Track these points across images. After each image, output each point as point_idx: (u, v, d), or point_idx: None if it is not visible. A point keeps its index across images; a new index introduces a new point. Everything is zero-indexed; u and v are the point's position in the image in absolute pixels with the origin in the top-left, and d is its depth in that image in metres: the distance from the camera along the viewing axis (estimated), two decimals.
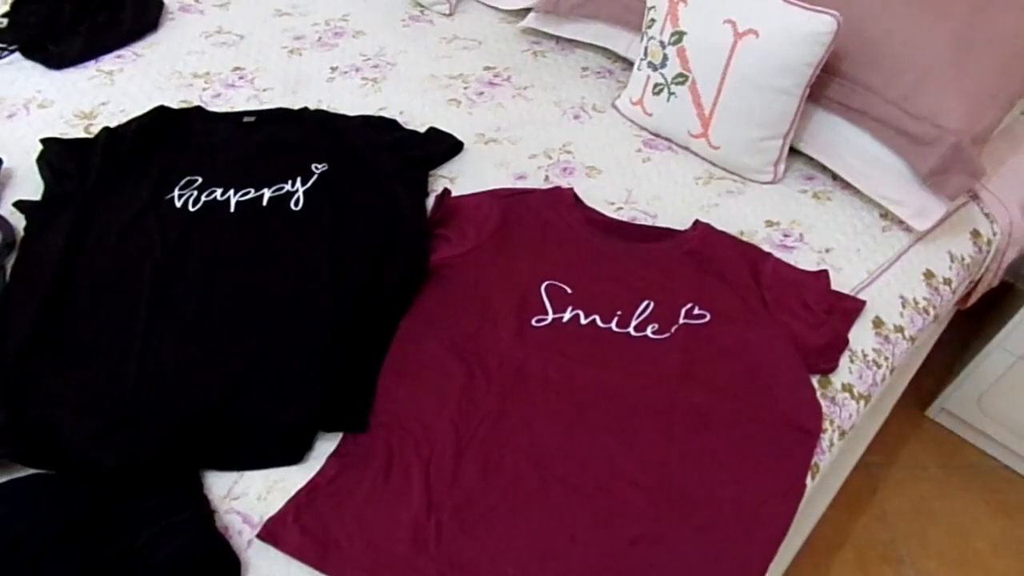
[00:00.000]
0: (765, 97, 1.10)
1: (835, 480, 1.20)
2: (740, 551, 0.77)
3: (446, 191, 1.07)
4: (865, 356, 0.96)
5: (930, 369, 1.47)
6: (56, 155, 1.07)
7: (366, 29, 1.47)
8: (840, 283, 1.02)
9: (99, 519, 0.71)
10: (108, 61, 1.30)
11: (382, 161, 1.12)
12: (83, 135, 1.14)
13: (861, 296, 1.02)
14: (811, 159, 1.21)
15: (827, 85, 1.12)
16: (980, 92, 1.04)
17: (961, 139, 1.01)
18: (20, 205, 1.00)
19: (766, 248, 1.06)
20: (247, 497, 0.75)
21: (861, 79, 1.10)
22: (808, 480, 0.84)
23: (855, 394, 0.93)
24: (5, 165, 1.06)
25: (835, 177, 1.20)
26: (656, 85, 1.21)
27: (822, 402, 0.89)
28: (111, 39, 1.33)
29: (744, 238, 1.08)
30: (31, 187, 1.05)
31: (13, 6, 1.36)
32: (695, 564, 0.75)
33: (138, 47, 1.35)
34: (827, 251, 1.08)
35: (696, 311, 0.97)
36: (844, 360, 0.95)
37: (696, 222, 1.08)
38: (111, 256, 0.95)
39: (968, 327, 1.54)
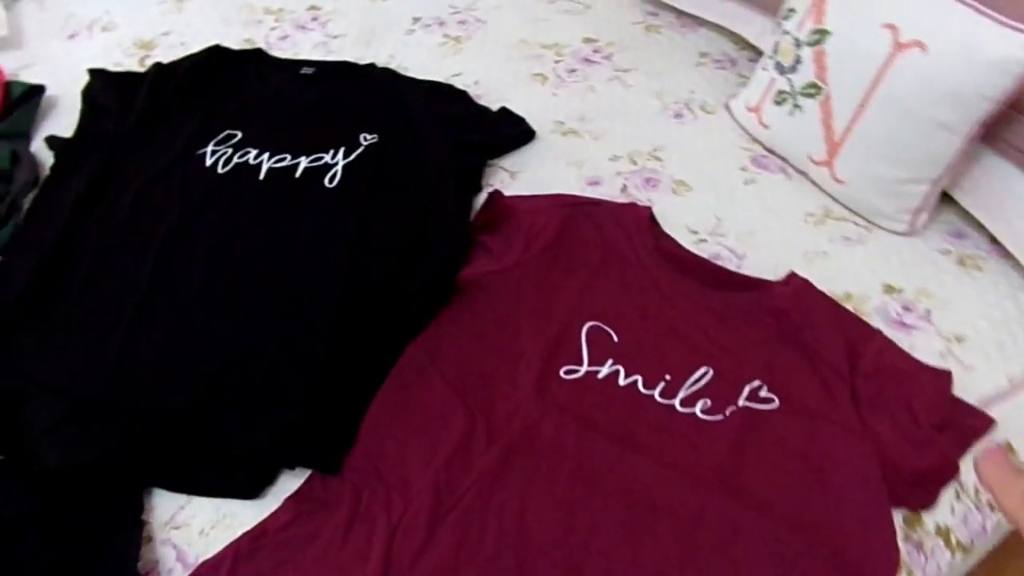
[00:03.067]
0: (919, 129, 0.86)
1: None
2: None
3: (495, 193, 0.92)
4: (977, 493, 0.75)
5: None
6: (100, 89, 1.01)
7: None
8: (967, 388, 0.79)
9: (33, 522, 0.65)
10: None
11: (436, 141, 0.97)
12: (136, 68, 1.07)
13: (991, 412, 0.78)
14: (965, 212, 0.96)
15: (1007, 125, 0.86)
16: None
17: None
18: (51, 141, 0.94)
19: (876, 323, 0.84)
20: (189, 528, 0.66)
21: None
22: None
23: (952, 542, 0.72)
24: (49, 92, 1.00)
25: (993, 240, 0.94)
26: (780, 93, 0.98)
27: (902, 547, 0.70)
28: None
29: (851, 304, 0.87)
30: (75, 120, 0.99)
31: None
32: None
33: None
34: (958, 340, 0.85)
35: (763, 392, 0.78)
36: (947, 494, 0.74)
37: (791, 275, 0.87)
38: (124, 216, 0.88)
39: None
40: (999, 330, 0.86)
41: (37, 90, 0.99)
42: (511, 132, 1.01)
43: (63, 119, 0.99)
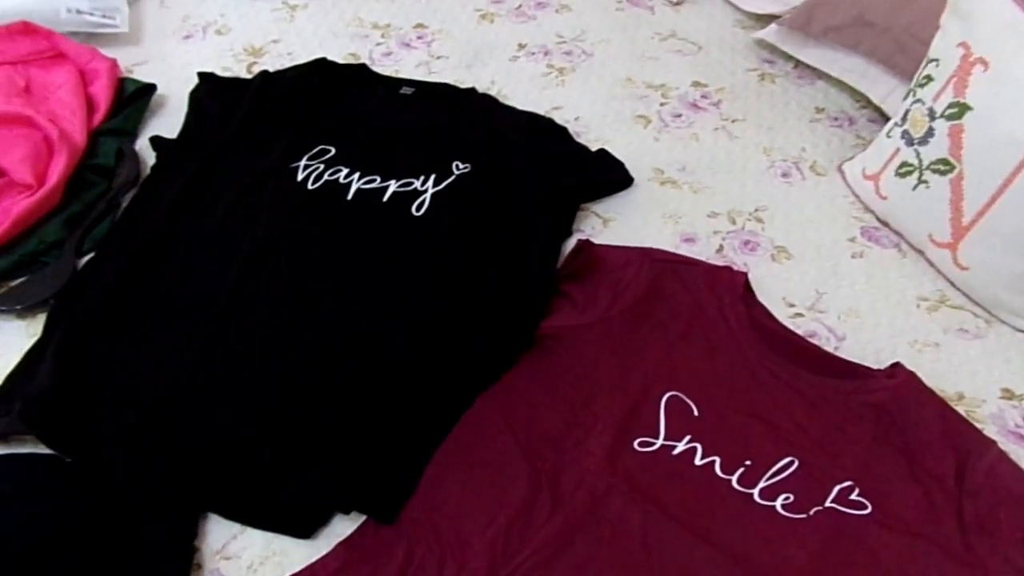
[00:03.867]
0: None
1: None
2: None
3: (585, 243, 0.88)
4: None
5: None
6: (207, 93, 1.02)
7: (573, 4, 1.27)
8: None
9: (88, 533, 0.65)
10: None
11: (533, 178, 0.94)
12: (243, 74, 1.08)
13: None
14: None
15: None
16: None
17: None
18: (155, 141, 0.96)
19: (991, 432, 0.76)
20: (238, 561, 0.65)
21: None
22: None
23: None
24: (159, 92, 1.02)
25: None
26: (905, 164, 0.91)
27: None
28: None
29: (962, 407, 0.79)
30: (180, 121, 1.01)
31: None
32: None
33: None
34: None
35: (855, 496, 0.71)
36: None
37: (897, 366, 0.80)
38: (214, 225, 0.88)
39: None
40: None
41: (148, 89, 1.01)
42: (609, 177, 0.97)
43: (170, 119, 1.01)
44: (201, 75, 1.04)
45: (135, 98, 1.00)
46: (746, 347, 0.82)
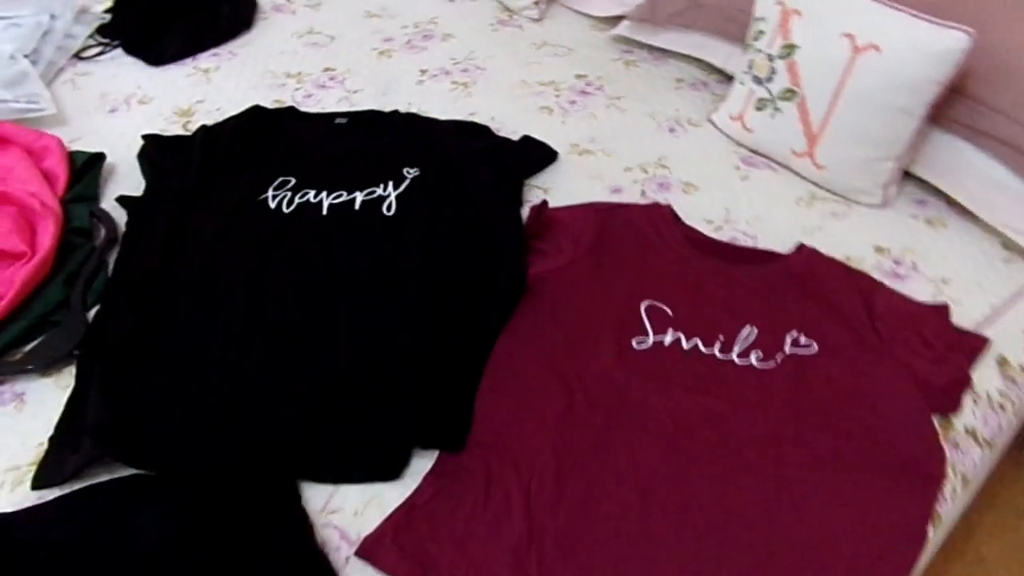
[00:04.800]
0: (882, 116, 1.04)
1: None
2: None
3: (544, 202, 1.04)
4: (990, 398, 0.90)
5: None
6: (156, 152, 1.09)
7: (455, 32, 1.46)
8: (959, 318, 0.96)
9: (197, 526, 0.70)
10: (205, 59, 1.32)
11: (475, 168, 1.10)
12: (181, 132, 1.15)
13: (984, 333, 0.95)
14: (922, 181, 1.15)
15: (951, 105, 1.05)
16: None
17: None
18: (122, 200, 1.01)
19: (876, 277, 1.00)
20: (343, 512, 0.73)
21: (989, 100, 1.03)
22: (929, 530, 0.79)
23: (979, 439, 0.87)
24: (108, 160, 1.07)
25: (949, 202, 1.13)
26: (760, 100, 1.16)
27: (944, 446, 0.83)
28: (209, 37, 1.35)
29: (851, 264, 1.02)
30: (132, 182, 1.06)
31: (116, 3, 1.38)
32: None
33: (233, 46, 1.36)
34: (944, 282, 1.01)
35: (802, 340, 0.91)
36: (967, 402, 0.88)
37: (800, 245, 1.02)
38: (204, 258, 0.95)
39: None
40: (974, 272, 1.03)
41: (98, 157, 1.05)
42: (537, 155, 1.15)
43: (123, 182, 1.06)
44: (145, 136, 1.10)
45: (87, 168, 1.04)
46: (688, 257, 1.01)
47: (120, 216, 1.00)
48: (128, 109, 1.19)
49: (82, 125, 1.14)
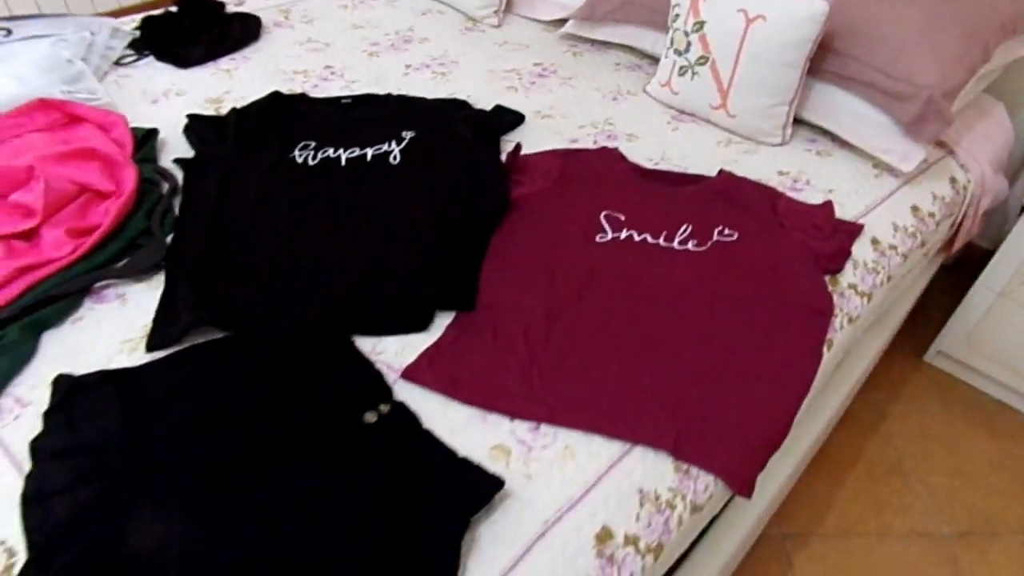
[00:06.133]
0: (774, 70, 1.35)
1: (835, 397, 1.38)
2: (775, 400, 0.98)
3: (518, 145, 1.32)
4: (866, 264, 1.18)
5: (928, 321, 1.69)
6: (199, 126, 1.33)
7: (430, 37, 1.74)
8: (842, 215, 1.25)
9: (277, 367, 0.92)
10: (224, 62, 1.57)
11: (460, 128, 1.37)
12: (215, 114, 1.39)
13: (860, 221, 1.25)
14: (812, 126, 1.46)
15: (823, 59, 1.37)
16: (947, 57, 1.28)
17: (934, 93, 1.25)
18: (179, 161, 1.24)
19: (779, 190, 1.30)
20: (387, 353, 0.96)
21: (850, 52, 1.35)
22: (825, 351, 1.06)
23: (859, 291, 1.15)
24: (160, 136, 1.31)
25: (833, 139, 1.44)
26: (681, 67, 1.46)
27: (832, 293, 1.11)
28: (225, 46, 1.60)
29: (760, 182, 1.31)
30: (179, 152, 1.29)
31: (143, 22, 1.63)
32: (740, 408, 0.95)
33: (246, 52, 1.62)
34: (830, 192, 1.31)
35: (726, 232, 1.19)
36: (848, 267, 1.17)
37: (721, 170, 1.31)
38: (252, 198, 1.19)
39: (961, 291, 1.76)
40: (851, 184, 1.34)
41: (152, 132, 1.29)
42: (509, 118, 1.42)
43: (171, 153, 1.29)
44: (189, 116, 1.34)
45: (144, 140, 1.27)
46: (635, 181, 1.29)
47: (177, 174, 1.23)
48: (167, 100, 1.43)
49: (131, 113, 1.37)
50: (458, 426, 0.88)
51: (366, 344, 0.97)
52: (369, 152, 1.30)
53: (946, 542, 1.39)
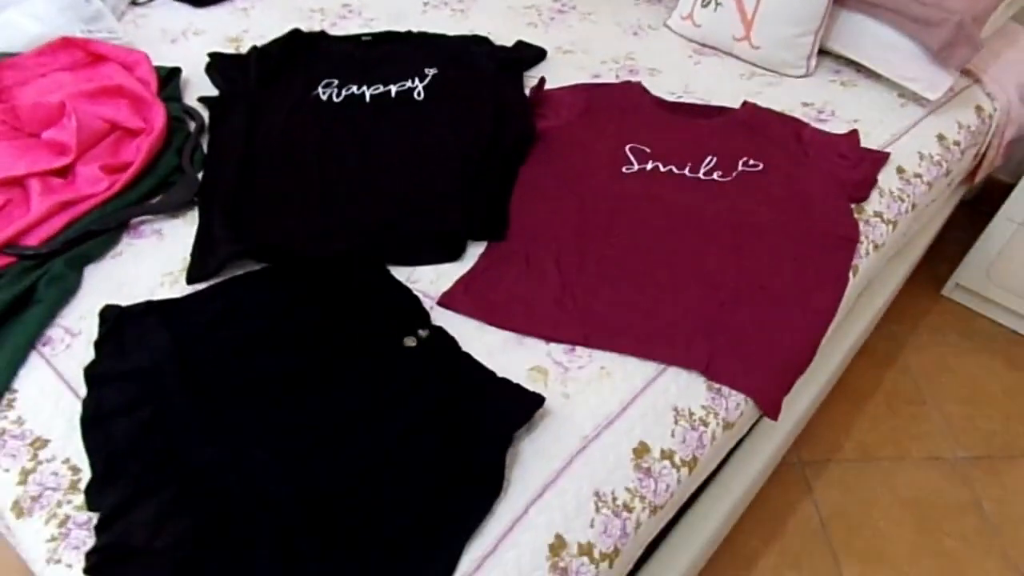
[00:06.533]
0: None
1: (857, 327, 1.39)
2: (802, 325, 0.99)
3: (542, 79, 1.31)
4: (891, 192, 1.19)
5: (947, 257, 1.70)
6: (223, 64, 1.32)
7: None
8: (867, 145, 1.25)
9: (316, 294, 0.94)
10: (240, 1, 1.56)
11: (482, 64, 1.36)
12: (236, 52, 1.39)
13: (886, 150, 1.24)
14: (838, 57, 1.44)
15: None
16: None
17: (964, 17, 1.23)
18: (204, 100, 1.25)
19: (801, 117, 1.29)
20: (422, 281, 0.98)
21: None
22: (851, 277, 1.07)
23: (885, 219, 1.16)
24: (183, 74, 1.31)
25: (858, 69, 1.42)
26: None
27: (857, 221, 1.12)
28: None
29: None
30: (202, 91, 1.29)
31: None
32: (769, 331, 0.97)
33: None
34: (855, 122, 1.30)
35: (751, 162, 1.20)
36: (874, 195, 1.17)
37: (745, 101, 1.31)
38: (279, 138, 1.19)
39: (979, 227, 1.75)
40: (877, 114, 1.33)
41: (176, 71, 1.29)
42: (531, 53, 1.41)
43: (194, 92, 1.29)
44: (210, 54, 1.34)
45: (168, 79, 1.27)
46: (659, 113, 1.29)
47: (203, 112, 1.23)
48: (186, 40, 1.43)
49: (151, 53, 1.36)
50: (496, 349, 0.90)
51: (401, 273, 0.99)
52: (393, 89, 1.30)
53: (961, 465, 1.42)
